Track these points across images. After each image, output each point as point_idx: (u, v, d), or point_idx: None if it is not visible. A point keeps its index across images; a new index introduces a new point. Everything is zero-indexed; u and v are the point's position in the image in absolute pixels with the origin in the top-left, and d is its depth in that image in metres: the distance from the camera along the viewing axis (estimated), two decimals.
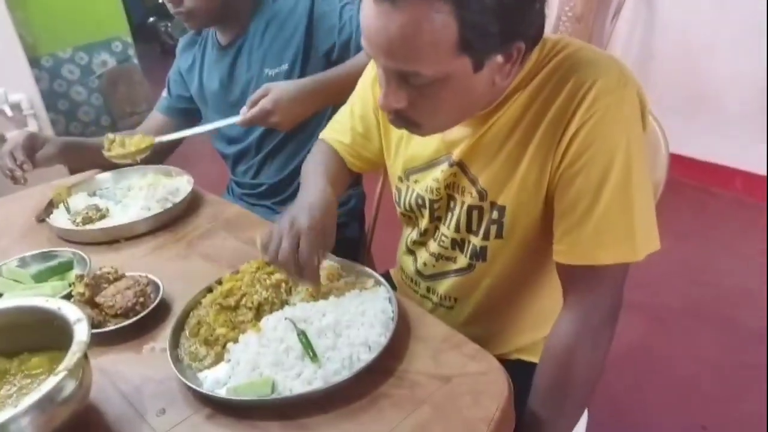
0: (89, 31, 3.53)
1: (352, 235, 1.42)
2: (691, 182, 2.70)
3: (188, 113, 1.48)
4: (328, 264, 0.94)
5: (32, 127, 2.70)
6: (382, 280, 0.89)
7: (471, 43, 0.67)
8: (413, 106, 0.75)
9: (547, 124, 0.76)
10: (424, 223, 0.97)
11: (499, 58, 0.71)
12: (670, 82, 2.69)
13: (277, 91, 1.14)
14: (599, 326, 0.79)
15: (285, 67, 1.28)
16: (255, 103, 1.14)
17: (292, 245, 0.79)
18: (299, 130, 1.28)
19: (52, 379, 0.61)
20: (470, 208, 0.88)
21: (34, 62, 3.17)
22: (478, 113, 0.81)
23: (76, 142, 1.29)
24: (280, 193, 1.41)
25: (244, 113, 1.15)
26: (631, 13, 2.69)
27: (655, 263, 0.80)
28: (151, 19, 5.37)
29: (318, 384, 0.71)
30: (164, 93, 1.51)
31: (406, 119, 0.77)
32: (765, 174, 2.53)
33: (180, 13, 1.24)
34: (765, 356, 1.77)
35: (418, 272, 1.01)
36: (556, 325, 0.81)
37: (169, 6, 1.24)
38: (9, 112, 2.61)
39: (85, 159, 1.32)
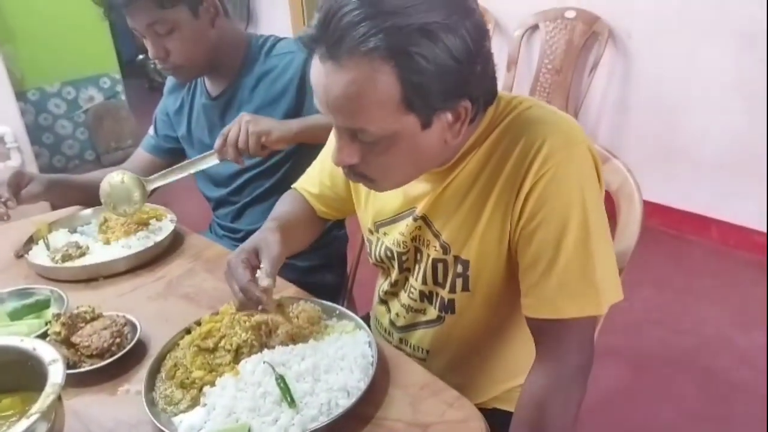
0: (78, 67, 3.56)
1: (333, 278, 1.42)
2: (669, 230, 2.76)
3: (174, 153, 1.47)
4: (309, 307, 0.94)
5: (15, 160, 2.69)
6: (363, 323, 0.90)
7: (415, 103, 0.69)
8: (365, 162, 0.76)
9: (504, 181, 0.79)
10: (394, 274, 0.98)
11: (448, 117, 0.73)
12: (646, 133, 2.78)
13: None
14: (570, 379, 0.79)
15: None
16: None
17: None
18: (283, 180, 1.27)
19: (24, 422, 0.59)
20: (435, 262, 0.89)
21: (20, 96, 3.18)
22: (437, 169, 0.83)
23: (61, 179, 1.29)
24: None
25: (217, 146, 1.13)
26: (608, 67, 2.79)
27: (635, 310, 0.82)
28: (141, 56, 5.44)
29: (295, 431, 0.70)
30: (150, 131, 1.49)
31: (359, 174, 0.79)
32: (739, 224, 2.60)
33: (168, 68, 1.24)
34: (744, 407, 1.78)
35: (392, 323, 1.02)
36: (528, 379, 0.82)
37: (158, 63, 1.24)
38: None
39: (70, 196, 1.31)
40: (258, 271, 0.84)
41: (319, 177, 1.06)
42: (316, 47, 0.69)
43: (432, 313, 0.94)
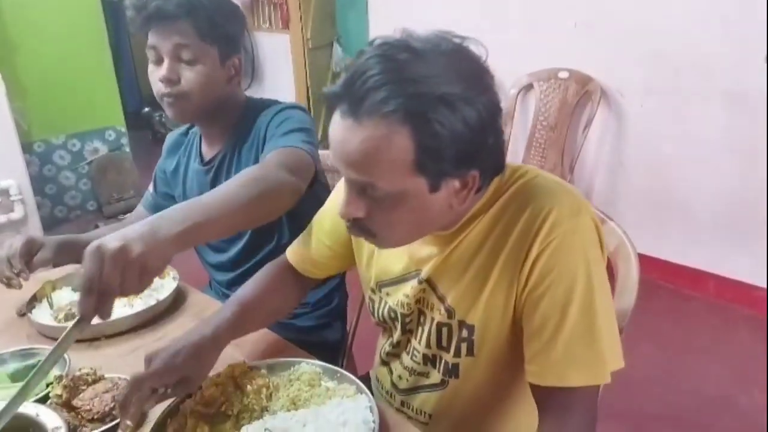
0: (84, 120, 3.64)
1: (334, 337, 1.42)
2: (666, 284, 2.76)
3: None
4: (310, 369, 0.95)
5: (18, 212, 2.72)
6: (364, 387, 0.90)
7: (426, 166, 0.72)
8: (371, 217, 0.79)
9: (510, 247, 0.81)
10: (396, 334, 0.99)
11: (456, 183, 0.76)
12: (641, 188, 2.83)
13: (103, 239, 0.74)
14: None
15: None
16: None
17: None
18: (286, 243, 1.21)
19: None
20: (440, 325, 0.90)
21: (26, 147, 3.24)
22: (442, 233, 0.86)
23: (69, 241, 1.28)
24: None
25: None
26: (602, 125, 2.87)
27: (635, 368, 0.83)
28: (146, 109, 5.57)
29: None
30: (150, 188, 1.49)
31: (362, 228, 0.81)
32: (737, 279, 2.61)
33: (171, 95, 1.18)
34: None
35: (394, 385, 1.02)
36: None
37: (161, 88, 1.18)
38: None
39: (78, 256, 1.31)
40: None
41: (317, 235, 1.06)
42: (339, 104, 0.73)
43: (435, 377, 0.94)
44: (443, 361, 0.92)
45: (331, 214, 1.05)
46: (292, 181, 1.03)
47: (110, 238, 0.72)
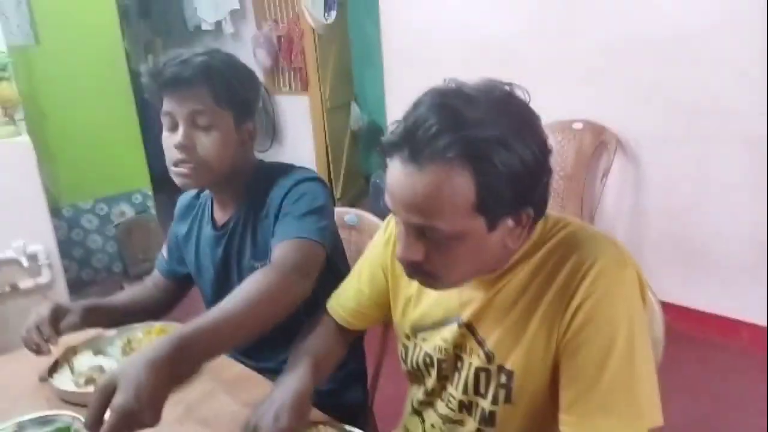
0: (112, 184, 3.73)
1: (355, 399, 1.39)
2: (696, 334, 2.68)
3: (188, 278, 1.46)
4: None
5: (45, 276, 2.77)
6: None
7: (486, 205, 0.75)
8: (429, 260, 0.80)
9: (553, 294, 0.82)
10: (431, 382, 0.98)
11: (510, 222, 0.78)
12: (665, 237, 2.79)
13: (115, 376, 0.77)
14: None
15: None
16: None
17: None
18: (293, 322, 1.19)
19: None
20: (478, 371, 0.90)
21: (54, 212, 3.33)
22: (486, 276, 0.87)
23: (94, 305, 1.31)
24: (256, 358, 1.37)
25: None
26: (619, 173, 2.86)
27: (669, 421, 0.80)
28: None
29: None
30: (164, 252, 1.48)
31: (420, 271, 0.82)
32: None
33: (186, 162, 1.17)
34: None
35: None
36: None
37: (175, 155, 1.17)
38: (25, 263, 2.70)
39: (103, 320, 1.33)
40: None
41: (357, 286, 1.10)
42: (398, 152, 0.76)
43: (471, 425, 0.92)
44: (480, 408, 0.90)
45: (369, 263, 1.09)
46: (302, 287, 1.07)
47: (130, 393, 0.74)
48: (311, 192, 1.22)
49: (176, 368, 0.80)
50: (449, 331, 0.92)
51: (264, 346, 1.38)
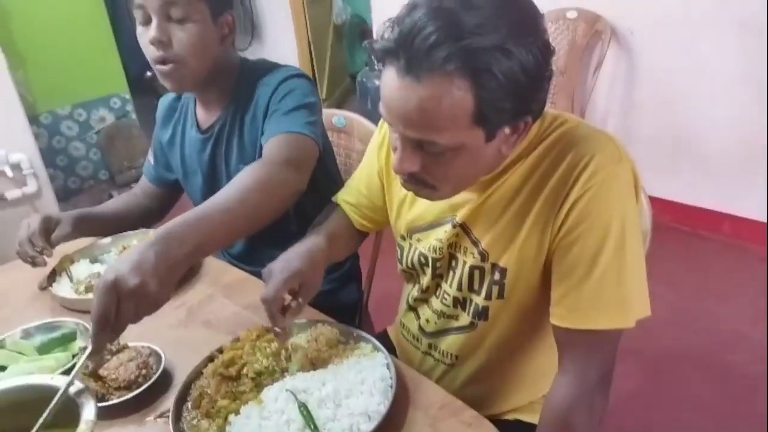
0: (88, 89, 3.61)
1: (349, 298, 1.43)
2: (680, 227, 2.75)
3: (176, 185, 1.44)
4: (327, 330, 0.97)
5: (32, 185, 2.74)
6: (380, 345, 0.92)
7: (485, 117, 0.72)
8: (426, 171, 0.79)
9: (548, 193, 0.82)
10: (425, 280, 1.00)
11: (507, 130, 0.76)
12: (654, 130, 2.78)
13: (110, 270, 0.73)
14: (595, 389, 0.82)
15: None
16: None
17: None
18: (284, 224, 1.19)
19: None
20: (472, 269, 0.91)
21: (32, 120, 3.24)
22: (482, 178, 0.86)
23: (84, 214, 1.30)
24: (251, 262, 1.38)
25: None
26: (612, 66, 2.80)
27: (655, 313, 0.84)
28: (149, 73, 5.51)
29: None
30: (150, 158, 1.45)
31: (418, 182, 0.82)
32: (752, 218, 2.59)
33: (166, 60, 1.12)
34: (762, 401, 1.78)
35: (421, 329, 1.04)
36: (554, 389, 0.84)
37: (152, 52, 1.12)
38: (9, 173, 2.66)
39: (95, 229, 1.33)
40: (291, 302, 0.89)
41: (357, 186, 1.10)
42: (392, 60, 0.72)
43: (465, 319, 0.96)
44: (473, 303, 0.94)
45: (366, 166, 1.09)
46: (297, 181, 1.03)
47: (125, 271, 0.71)
48: (299, 87, 1.18)
49: (164, 247, 0.77)
50: (443, 232, 0.94)
51: (258, 252, 1.40)
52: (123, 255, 0.77)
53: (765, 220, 2.54)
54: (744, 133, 2.51)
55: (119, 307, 0.71)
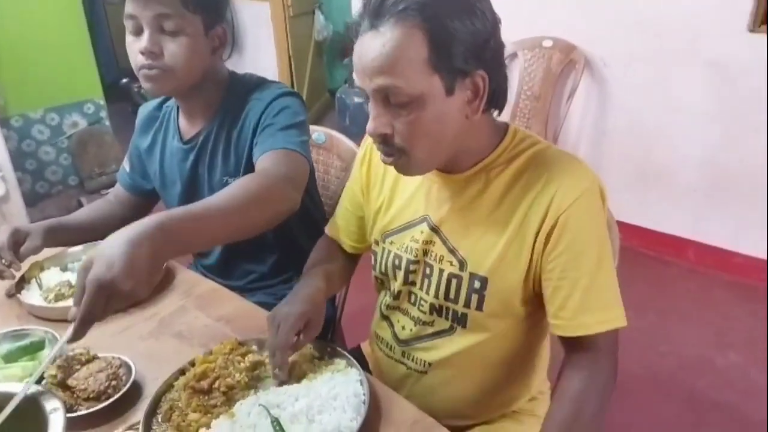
0: (62, 93, 3.55)
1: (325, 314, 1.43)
2: (647, 252, 2.82)
3: (153, 193, 1.43)
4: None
5: (0, 189, 2.67)
6: (354, 361, 0.92)
7: (439, 61, 0.79)
8: (397, 133, 0.83)
9: (526, 208, 0.87)
10: (396, 285, 1.02)
11: (468, 93, 0.82)
12: (622, 157, 2.86)
13: (102, 264, 0.72)
14: (604, 387, 0.86)
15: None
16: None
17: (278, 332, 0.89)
18: (262, 238, 1.16)
19: None
20: (450, 276, 0.94)
21: (3, 122, 3.17)
22: (454, 176, 0.92)
23: (54, 225, 1.27)
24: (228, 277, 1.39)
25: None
26: (585, 94, 2.88)
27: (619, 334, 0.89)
28: (125, 80, 5.46)
29: None
30: (126, 165, 1.43)
31: (391, 147, 0.85)
32: (716, 245, 2.68)
33: (153, 68, 1.12)
34: (726, 427, 1.82)
35: (395, 337, 1.06)
36: (564, 382, 0.87)
37: (141, 60, 1.12)
38: None
39: (65, 240, 1.30)
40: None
41: (344, 204, 1.14)
42: (361, 25, 0.81)
43: (443, 323, 0.98)
44: (451, 310, 0.96)
45: (350, 183, 1.13)
46: (294, 198, 1.04)
47: (119, 272, 0.71)
48: (292, 105, 1.19)
49: (158, 246, 0.76)
50: (419, 232, 0.97)
51: (233, 265, 1.39)
52: (117, 242, 0.74)
53: (728, 248, 2.63)
54: (710, 166, 2.61)
55: (106, 304, 0.72)
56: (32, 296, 1.17)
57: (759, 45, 2.32)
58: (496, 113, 0.91)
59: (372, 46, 0.79)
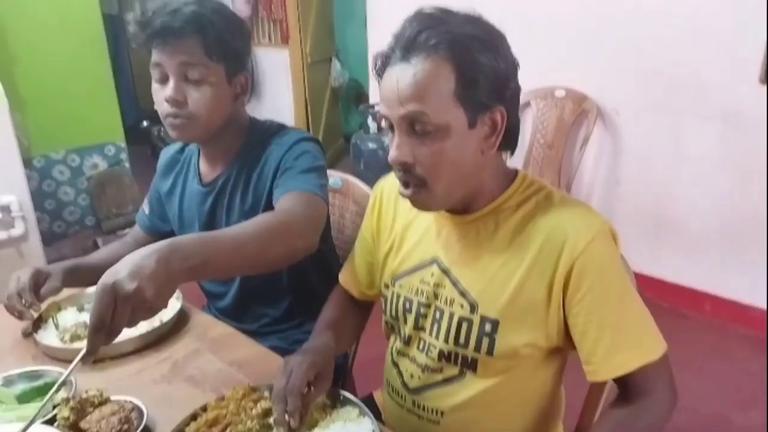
0: (84, 135, 3.64)
1: (335, 361, 1.42)
2: (662, 303, 2.78)
3: (170, 235, 1.44)
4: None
5: (19, 228, 2.71)
6: (366, 409, 0.91)
7: (466, 94, 0.83)
8: (418, 162, 0.86)
9: (538, 252, 0.88)
10: (407, 329, 1.02)
11: (486, 129, 0.85)
12: (637, 208, 2.86)
13: (110, 272, 0.75)
14: (659, 413, 0.89)
15: None
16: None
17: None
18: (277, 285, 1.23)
19: None
20: (461, 320, 0.93)
21: (26, 162, 3.24)
22: (463, 218, 0.93)
23: (73, 267, 1.29)
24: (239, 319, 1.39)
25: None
26: (598, 143, 2.91)
27: None
28: (145, 123, 5.60)
29: None
30: (145, 208, 1.46)
31: (412, 176, 0.87)
32: (733, 299, 2.63)
33: (178, 116, 1.16)
34: None
35: (404, 385, 1.04)
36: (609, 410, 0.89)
37: (166, 108, 1.16)
38: None
39: (84, 280, 1.31)
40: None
41: (357, 251, 1.16)
42: (390, 60, 0.86)
43: (452, 370, 0.97)
44: (461, 356, 0.95)
45: (362, 231, 1.15)
46: (310, 238, 1.04)
47: (124, 275, 0.73)
48: (312, 151, 1.22)
49: (167, 255, 0.77)
50: (430, 274, 0.97)
51: (246, 308, 1.40)
52: (125, 258, 0.76)
53: (746, 302, 2.59)
54: (725, 217, 2.60)
55: (115, 310, 0.72)
56: (48, 336, 1.18)
57: None
58: (507, 157, 0.93)
59: (404, 74, 0.83)
